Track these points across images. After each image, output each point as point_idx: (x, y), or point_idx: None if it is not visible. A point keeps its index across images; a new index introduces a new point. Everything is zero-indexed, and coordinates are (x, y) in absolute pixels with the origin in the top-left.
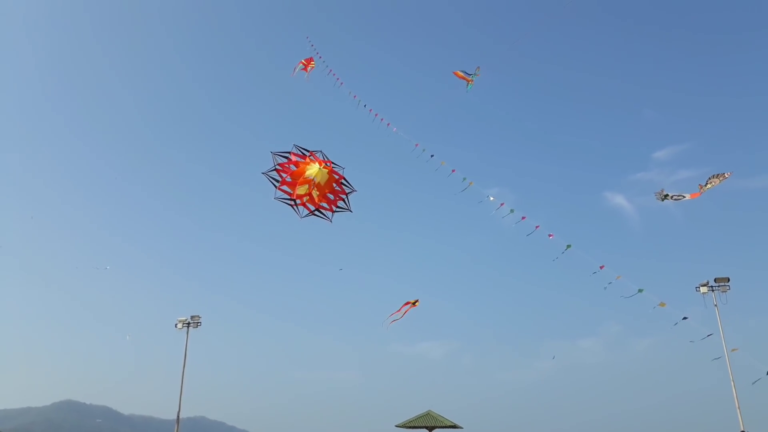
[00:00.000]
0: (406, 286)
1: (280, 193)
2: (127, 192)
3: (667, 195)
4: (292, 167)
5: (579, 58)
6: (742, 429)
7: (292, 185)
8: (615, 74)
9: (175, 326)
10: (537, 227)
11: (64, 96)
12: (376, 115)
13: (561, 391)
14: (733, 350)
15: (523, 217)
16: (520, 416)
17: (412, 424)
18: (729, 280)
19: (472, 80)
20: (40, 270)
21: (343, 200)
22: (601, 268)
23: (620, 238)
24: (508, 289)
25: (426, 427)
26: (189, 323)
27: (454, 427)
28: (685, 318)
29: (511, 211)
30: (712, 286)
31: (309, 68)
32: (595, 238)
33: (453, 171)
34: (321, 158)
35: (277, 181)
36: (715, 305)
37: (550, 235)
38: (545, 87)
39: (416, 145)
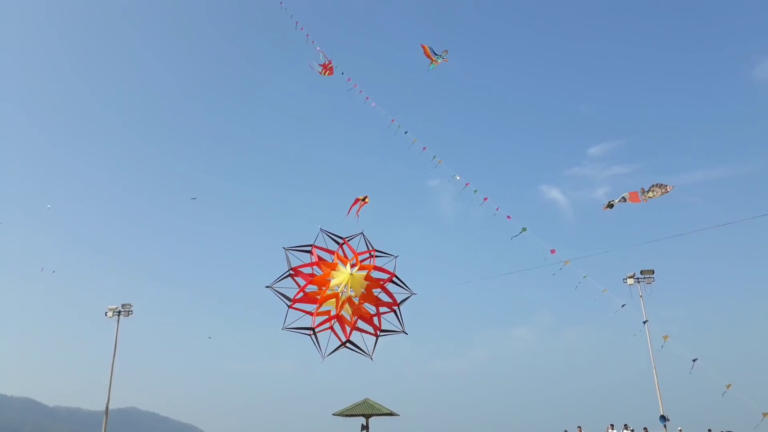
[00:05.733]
0: None
1: (291, 320)
2: (56, 174)
3: (612, 203)
4: (312, 270)
5: (516, 54)
6: (662, 413)
7: (312, 298)
8: (551, 70)
9: (105, 315)
10: (497, 209)
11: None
12: (355, 86)
13: (493, 378)
14: (665, 338)
15: (486, 198)
16: (454, 403)
17: (349, 413)
18: (654, 272)
19: (437, 61)
20: None
21: (395, 313)
22: (552, 252)
23: (555, 231)
24: (443, 280)
25: (363, 415)
26: (120, 311)
27: (391, 414)
28: (623, 305)
29: (475, 191)
30: (638, 278)
31: (326, 73)
32: (532, 231)
33: (424, 149)
34: (357, 250)
35: (288, 295)
36: (641, 296)
37: (508, 217)
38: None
39: (392, 120)
